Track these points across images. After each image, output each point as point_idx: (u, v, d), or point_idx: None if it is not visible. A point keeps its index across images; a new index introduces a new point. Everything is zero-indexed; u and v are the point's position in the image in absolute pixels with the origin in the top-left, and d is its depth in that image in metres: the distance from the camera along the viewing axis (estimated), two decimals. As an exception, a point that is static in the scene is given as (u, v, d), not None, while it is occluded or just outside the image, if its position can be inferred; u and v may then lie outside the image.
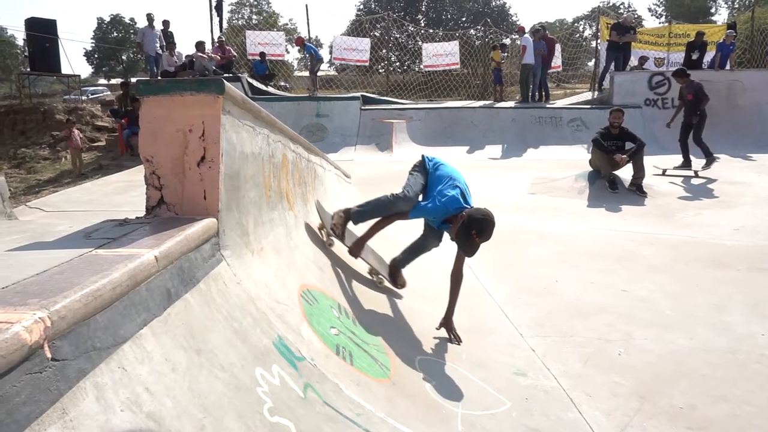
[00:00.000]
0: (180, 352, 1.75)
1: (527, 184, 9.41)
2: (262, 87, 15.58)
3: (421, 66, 20.68)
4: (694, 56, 14.90)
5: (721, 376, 3.29)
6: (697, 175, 9.69)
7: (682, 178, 9.64)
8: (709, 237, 6.43)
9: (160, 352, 1.67)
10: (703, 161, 9.94)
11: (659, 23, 42.71)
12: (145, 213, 2.42)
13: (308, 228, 3.72)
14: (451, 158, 12.63)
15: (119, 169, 11.38)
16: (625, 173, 8.84)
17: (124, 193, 8.64)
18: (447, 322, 3.49)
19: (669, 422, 2.82)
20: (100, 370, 1.43)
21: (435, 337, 3.48)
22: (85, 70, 54.01)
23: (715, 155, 9.93)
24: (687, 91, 9.95)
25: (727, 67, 14.85)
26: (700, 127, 9.87)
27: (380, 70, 21.37)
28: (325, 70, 29.21)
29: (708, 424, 2.80)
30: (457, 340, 3.45)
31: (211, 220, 2.26)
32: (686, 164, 10.08)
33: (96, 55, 52.39)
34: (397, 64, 31.92)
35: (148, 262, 1.76)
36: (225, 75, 14.08)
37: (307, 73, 18.14)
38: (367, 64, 19.07)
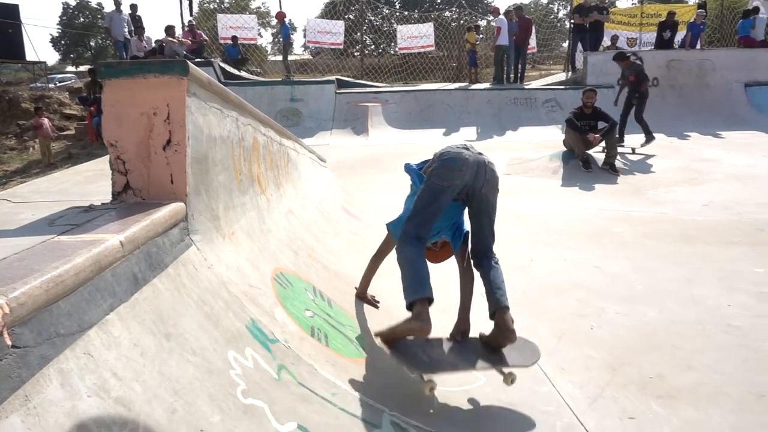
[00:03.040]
0: (149, 336, 1.73)
1: (503, 165, 9.45)
2: (235, 72, 15.33)
3: (396, 49, 20.54)
4: (666, 36, 15.08)
5: (690, 346, 3.38)
6: (634, 152, 9.93)
7: (653, 157, 9.79)
8: (680, 213, 6.57)
9: (128, 338, 1.64)
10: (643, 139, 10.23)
11: (632, 3, 43.03)
12: (111, 199, 2.37)
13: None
14: (428, 141, 12.63)
15: (90, 158, 11.12)
16: (599, 153, 8.97)
17: (95, 182, 8.44)
18: (360, 293, 3.48)
19: (639, 392, 2.90)
20: (65, 357, 1.40)
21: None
22: (51, 57, 52.52)
23: (654, 134, 10.23)
24: (628, 72, 10.27)
25: (698, 46, 15.07)
26: (640, 106, 10.15)
27: (355, 54, 21.16)
28: (299, 54, 28.86)
29: (677, 393, 2.89)
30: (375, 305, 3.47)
31: (178, 205, 2.22)
32: (620, 140, 10.30)
33: (63, 42, 50.83)
34: (372, 47, 31.67)
35: (112, 247, 1.72)
36: (196, 60, 13.81)
37: (280, 58, 17.86)
38: (341, 47, 18.88)
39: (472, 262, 2.96)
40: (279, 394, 2.05)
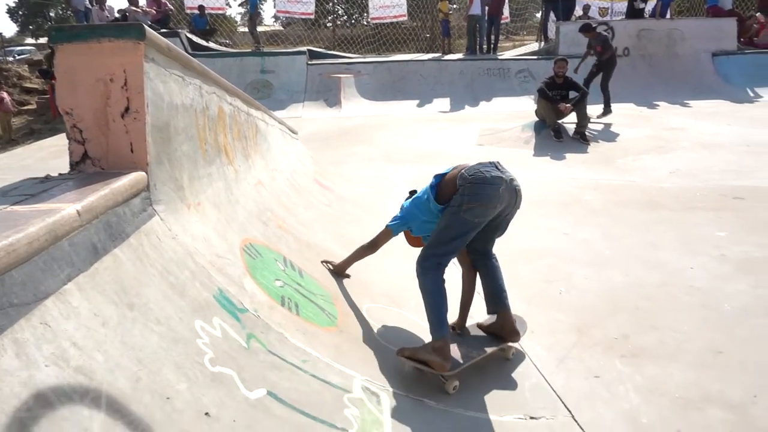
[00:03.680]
0: (111, 306, 1.70)
1: (476, 136, 9.48)
2: (203, 43, 14.91)
3: (369, 19, 20.20)
4: (638, 5, 15.12)
5: (654, 308, 3.48)
6: (590, 120, 9.97)
7: (623, 126, 9.90)
8: (648, 180, 6.70)
9: (88, 307, 1.61)
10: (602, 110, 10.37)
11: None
12: (69, 169, 2.30)
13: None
14: (401, 112, 12.52)
15: (53, 133, 10.78)
16: (570, 122, 9.03)
17: (59, 157, 8.14)
18: (338, 269, 3.44)
19: (604, 352, 2.98)
20: (20, 326, 1.37)
21: (382, 287, 3.52)
22: (9, 28, 50.31)
23: (611, 107, 10.41)
24: (595, 43, 10.43)
25: (668, 15, 15.17)
26: (607, 74, 10.31)
27: (327, 24, 20.77)
28: (269, 25, 28.18)
29: (640, 352, 2.98)
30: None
31: (139, 174, 2.17)
32: None
33: (20, 12, 48.66)
34: (344, 17, 31.12)
35: (69, 216, 1.67)
36: (162, 30, 13.38)
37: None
38: (312, 17, 18.50)
39: (471, 258, 3.08)
40: (248, 361, 2.05)
